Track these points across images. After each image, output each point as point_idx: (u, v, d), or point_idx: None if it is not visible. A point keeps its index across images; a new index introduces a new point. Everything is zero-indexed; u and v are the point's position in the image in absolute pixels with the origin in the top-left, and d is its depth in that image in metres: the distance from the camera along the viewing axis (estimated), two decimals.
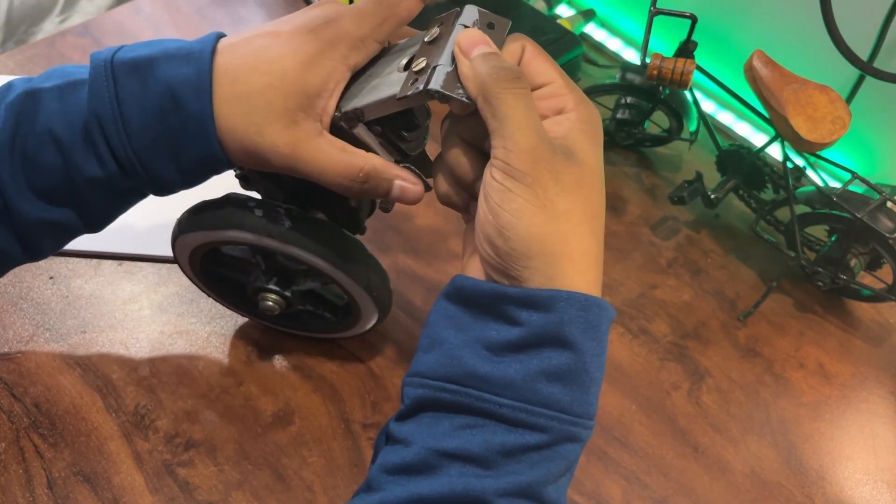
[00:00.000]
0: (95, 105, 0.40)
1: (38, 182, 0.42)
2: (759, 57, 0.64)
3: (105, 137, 0.41)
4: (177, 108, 0.40)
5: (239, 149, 0.41)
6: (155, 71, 0.40)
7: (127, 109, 0.40)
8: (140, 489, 0.53)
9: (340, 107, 0.43)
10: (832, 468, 0.61)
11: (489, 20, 0.41)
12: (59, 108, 0.41)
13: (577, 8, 0.94)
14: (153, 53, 0.41)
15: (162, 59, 0.40)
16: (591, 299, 0.36)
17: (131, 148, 0.41)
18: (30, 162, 0.42)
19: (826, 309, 0.71)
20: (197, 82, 0.40)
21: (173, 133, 0.41)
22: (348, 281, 0.51)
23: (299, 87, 0.40)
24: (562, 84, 0.40)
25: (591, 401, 0.37)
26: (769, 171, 0.71)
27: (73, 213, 0.44)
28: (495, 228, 0.37)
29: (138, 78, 0.40)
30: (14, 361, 0.58)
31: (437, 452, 0.36)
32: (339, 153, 0.42)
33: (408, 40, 0.44)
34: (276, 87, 0.40)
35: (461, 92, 0.38)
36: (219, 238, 0.50)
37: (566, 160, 0.37)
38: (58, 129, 0.41)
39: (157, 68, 0.40)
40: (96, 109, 0.40)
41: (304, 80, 0.40)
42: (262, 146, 0.41)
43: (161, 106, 0.40)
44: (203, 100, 0.40)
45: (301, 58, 0.40)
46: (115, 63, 0.41)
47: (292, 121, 0.41)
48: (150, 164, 0.42)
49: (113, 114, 0.40)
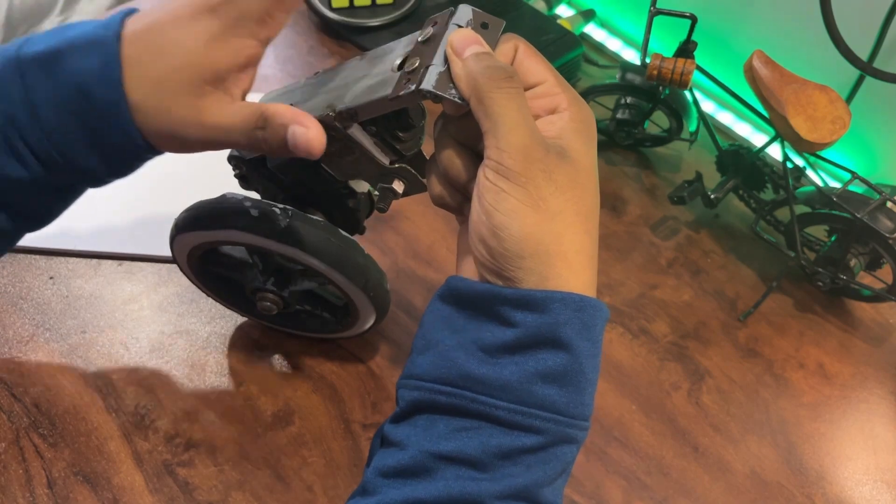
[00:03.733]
0: (7, 107, 0.40)
1: None
2: (759, 57, 0.64)
3: (23, 139, 0.40)
4: (88, 100, 0.40)
5: (155, 132, 0.41)
6: (63, 65, 0.39)
7: (41, 109, 0.40)
8: (140, 489, 0.53)
9: (335, 106, 0.43)
10: (832, 468, 0.61)
11: (483, 20, 0.41)
12: None
13: (577, 8, 0.94)
14: (58, 45, 0.40)
15: (66, 49, 0.40)
16: (585, 300, 0.36)
17: (51, 146, 0.41)
18: None
19: (826, 309, 0.71)
20: (107, 73, 0.39)
21: (90, 126, 0.41)
22: (345, 281, 0.51)
23: (206, 65, 0.40)
24: (554, 83, 0.40)
25: (587, 402, 0.37)
26: (769, 171, 0.70)
27: (4, 215, 0.43)
28: (489, 229, 0.36)
29: (47, 73, 0.40)
30: (14, 361, 0.58)
31: (432, 455, 0.36)
32: (239, 107, 0.41)
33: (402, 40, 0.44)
34: (183, 69, 0.40)
35: (454, 92, 0.38)
36: (215, 238, 0.50)
37: (559, 159, 0.37)
38: None
39: (64, 62, 0.39)
40: (9, 112, 0.40)
41: (210, 59, 0.40)
42: (172, 123, 0.41)
43: (74, 101, 0.40)
44: (115, 90, 0.39)
45: (205, 38, 0.40)
46: (21, 60, 0.40)
47: (197, 94, 0.40)
48: (74, 160, 0.41)
49: (27, 115, 0.40)
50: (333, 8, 0.85)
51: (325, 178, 0.50)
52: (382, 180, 0.46)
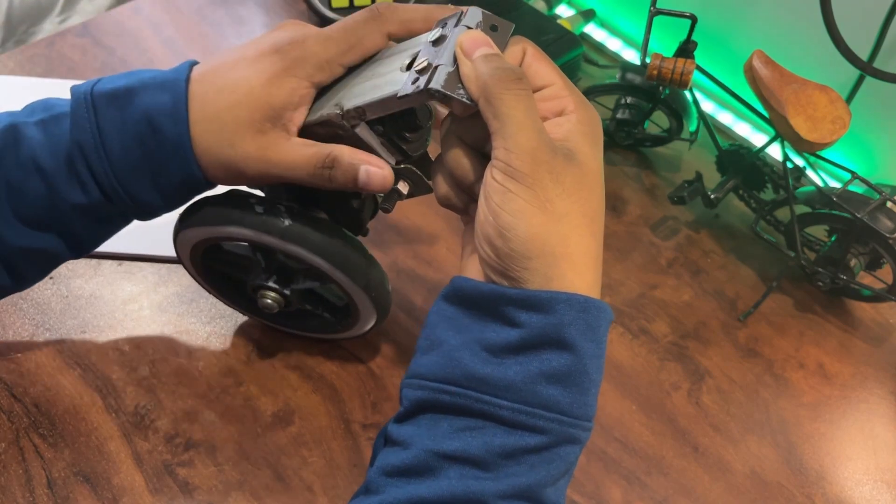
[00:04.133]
0: (77, 135, 0.43)
1: (22, 210, 0.44)
2: (759, 57, 0.64)
3: (88, 165, 0.43)
4: (155, 134, 0.43)
5: (215, 166, 0.44)
6: (133, 100, 0.43)
7: (108, 138, 0.43)
8: (140, 489, 0.53)
9: (343, 105, 0.43)
10: (832, 468, 0.61)
11: (493, 22, 0.41)
12: (43, 138, 0.43)
13: (577, 8, 0.94)
14: (130, 84, 0.43)
15: (139, 88, 0.43)
16: (590, 301, 0.36)
17: (113, 174, 0.43)
18: (14, 191, 0.44)
19: (826, 309, 0.71)
20: (173, 109, 0.42)
21: (154, 158, 0.43)
22: (347, 280, 0.51)
23: (264, 101, 0.42)
24: (562, 86, 0.40)
25: (591, 402, 0.37)
26: (769, 171, 0.71)
27: (58, 239, 0.46)
28: (495, 229, 0.37)
29: (117, 107, 0.43)
30: (14, 361, 0.58)
31: (436, 454, 0.36)
32: (305, 147, 0.44)
33: (411, 40, 0.44)
34: (243, 104, 0.42)
35: (462, 92, 0.38)
36: (219, 234, 0.50)
37: (566, 162, 0.37)
38: (41, 159, 0.43)
39: (135, 97, 0.43)
40: (78, 139, 0.43)
41: (268, 95, 0.42)
42: (234, 158, 0.43)
43: (140, 133, 0.43)
44: (180, 125, 0.42)
45: (266, 76, 0.42)
46: (94, 94, 0.43)
47: (260, 131, 0.43)
48: (133, 190, 0.44)
49: (94, 142, 0.43)
50: (333, 8, 0.85)
51: None
52: None
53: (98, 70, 0.78)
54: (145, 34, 0.83)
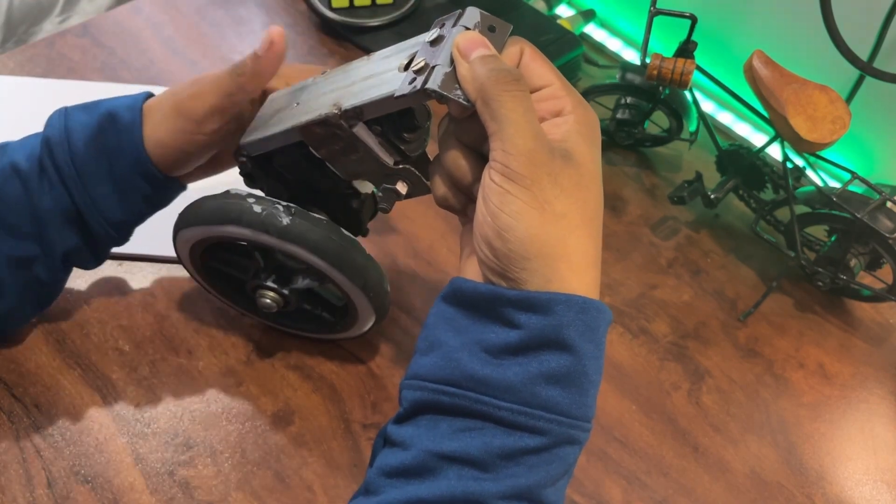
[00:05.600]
0: (48, 132, 0.50)
1: (5, 214, 0.49)
2: (759, 57, 0.64)
3: (52, 159, 0.49)
4: (114, 123, 0.50)
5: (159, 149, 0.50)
6: (100, 105, 0.51)
7: (73, 134, 0.49)
8: (140, 489, 0.53)
9: (341, 104, 0.43)
10: (832, 468, 0.61)
11: (490, 23, 0.41)
12: (21, 144, 0.51)
13: (577, 8, 0.94)
14: (103, 100, 0.52)
15: (107, 100, 0.51)
16: (589, 302, 0.36)
17: (73, 163, 0.49)
18: None
19: (826, 309, 0.71)
20: (132, 102, 0.51)
21: (109, 144, 0.50)
22: (344, 280, 0.51)
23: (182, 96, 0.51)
24: (560, 87, 0.40)
25: (590, 403, 0.37)
26: (769, 171, 0.70)
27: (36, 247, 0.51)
28: (494, 230, 0.37)
29: (87, 112, 0.51)
30: (14, 361, 0.58)
31: (435, 455, 0.36)
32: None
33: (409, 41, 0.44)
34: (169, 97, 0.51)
35: (459, 93, 0.38)
36: (217, 233, 0.50)
37: (564, 162, 0.37)
38: (18, 160, 0.49)
39: (102, 103, 0.51)
40: (48, 135, 0.50)
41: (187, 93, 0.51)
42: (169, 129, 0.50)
43: (102, 125, 0.50)
44: (135, 113, 0.50)
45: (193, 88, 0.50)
46: (69, 107, 0.51)
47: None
48: (90, 182, 0.50)
49: (60, 137, 0.49)
50: (333, 8, 0.85)
51: (329, 177, 0.50)
52: (386, 181, 0.46)
53: (98, 70, 0.79)
54: (145, 34, 0.83)
